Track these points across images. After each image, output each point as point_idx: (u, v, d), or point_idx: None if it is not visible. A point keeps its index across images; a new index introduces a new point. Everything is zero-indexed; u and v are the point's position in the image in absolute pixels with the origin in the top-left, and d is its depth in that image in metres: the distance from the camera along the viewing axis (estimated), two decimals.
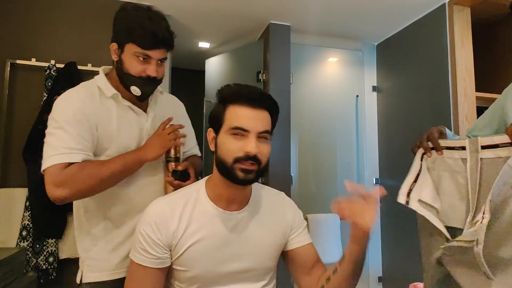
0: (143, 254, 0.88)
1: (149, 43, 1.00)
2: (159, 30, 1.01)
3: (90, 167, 0.97)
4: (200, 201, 0.92)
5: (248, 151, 0.83)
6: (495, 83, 2.29)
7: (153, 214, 0.90)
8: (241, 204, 0.95)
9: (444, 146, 0.96)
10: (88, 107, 1.01)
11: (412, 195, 0.95)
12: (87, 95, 1.03)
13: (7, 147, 1.95)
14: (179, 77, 3.32)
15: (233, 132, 0.85)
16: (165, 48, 1.05)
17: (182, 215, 0.90)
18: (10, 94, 1.98)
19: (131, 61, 1.02)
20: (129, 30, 1.01)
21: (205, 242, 0.89)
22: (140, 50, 1.01)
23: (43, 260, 1.85)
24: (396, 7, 2.28)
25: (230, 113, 0.87)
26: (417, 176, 0.98)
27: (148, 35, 1.00)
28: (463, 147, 0.91)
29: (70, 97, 1.02)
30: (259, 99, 0.88)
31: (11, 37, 2.01)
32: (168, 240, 0.88)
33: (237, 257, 0.92)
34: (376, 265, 2.73)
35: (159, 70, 1.06)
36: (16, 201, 1.89)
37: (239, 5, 2.28)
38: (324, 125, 2.73)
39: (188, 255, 0.89)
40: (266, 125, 0.88)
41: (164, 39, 1.03)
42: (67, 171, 0.94)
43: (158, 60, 1.04)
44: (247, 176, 0.85)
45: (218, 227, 0.91)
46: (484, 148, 0.87)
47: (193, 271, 0.89)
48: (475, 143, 0.88)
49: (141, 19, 1.00)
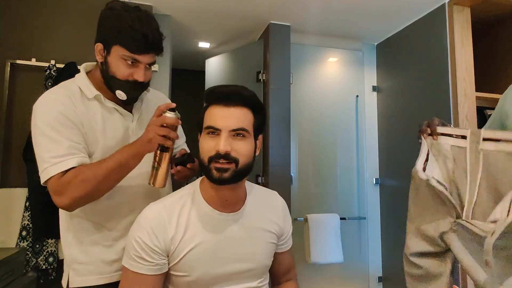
0: (139, 262, 0.85)
1: (139, 47, 0.94)
2: (150, 33, 0.94)
3: (84, 172, 0.90)
4: (196, 203, 0.91)
5: (217, 149, 0.82)
6: (495, 83, 2.29)
7: (150, 219, 0.87)
8: (237, 205, 0.93)
9: (441, 132, 1.00)
10: (69, 108, 0.95)
11: (427, 172, 0.96)
12: (67, 96, 0.96)
13: (7, 147, 1.95)
14: (179, 78, 3.31)
15: (207, 132, 0.86)
16: (155, 53, 0.99)
17: (179, 219, 0.88)
18: (10, 94, 1.98)
19: (117, 64, 0.96)
20: (117, 31, 0.94)
21: (204, 245, 0.88)
22: (128, 54, 0.95)
23: (43, 260, 1.85)
24: (396, 7, 2.28)
25: (207, 114, 0.88)
26: (427, 155, 1.00)
27: (138, 38, 0.93)
28: (464, 136, 0.95)
29: (49, 100, 0.95)
30: (231, 96, 0.86)
31: (11, 37, 2.02)
32: (166, 246, 0.86)
33: (236, 258, 0.92)
34: (376, 265, 2.73)
35: (146, 74, 1.00)
36: (16, 201, 1.89)
37: (239, 5, 2.28)
38: (324, 125, 2.73)
39: (187, 260, 0.87)
40: (240, 122, 0.85)
41: (154, 43, 0.96)
42: (63, 180, 0.89)
43: (146, 64, 0.98)
44: (222, 175, 0.83)
45: (216, 230, 0.90)
46: (485, 140, 0.90)
47: (193, 276, 0.88)
48: (477, 134, 0.92)
49: (130, 20, 0.93)
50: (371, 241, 2.75)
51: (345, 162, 2.75)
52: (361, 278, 2.68)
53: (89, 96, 1.00)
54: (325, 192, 2.69)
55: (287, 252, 1.08)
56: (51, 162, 0.90)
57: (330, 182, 2.70)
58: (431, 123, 1.03)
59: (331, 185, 2.71)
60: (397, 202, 2.58)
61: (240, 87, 0.88)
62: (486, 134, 0.91)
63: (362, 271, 2.69)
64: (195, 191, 0.93)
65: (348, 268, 2.63)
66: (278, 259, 1.06)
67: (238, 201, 0.94)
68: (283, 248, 1.06)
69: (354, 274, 2.66)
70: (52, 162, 0.90)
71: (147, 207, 0.91)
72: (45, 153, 0.91)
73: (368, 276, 2.71)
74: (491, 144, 0.90)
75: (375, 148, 2.85)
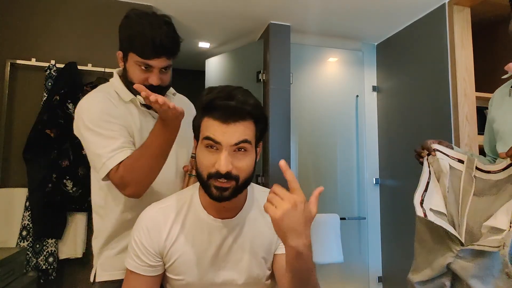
0: (136, 260, 0.86)
1: (148, 53, 0.97)
2: (158, 38, 0.97)
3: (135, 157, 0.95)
4: (193, 208, 0.89)
5: (217, 168, 0.77)
6: (495, 83, 2.27)
7: (147, 219, 0.88)
8: (234, 211, 0.90)
9: (438, 149, 1.03)
10: (110, 108, 1.01)
11: (424, 205, 0.95)
12: (107, 98, 1.02)
13: (7, 147, 1.95)
14: (179, 77, 3.30)
15: (206, 144, 0.79)
16: (166, 56, 1.01)
17: (174, 223, 0.87)
18: (10, 94, 1.98)
19: (133, 70, 1.01)
20: (130, 38, 0.99)
21: (196, 251, 0.87)
22: (140, 60, 0.98)
23: (43, 260, 1.85)
24: (396, 7, 2.28)
25: (205, 123, 0.81)
26: (427, 184, 1.00)
27: (147, 44, 0.96)
28: (461, 160, 1.01)
29: (93, 101, 1.02)
30: (236, 112, 0.78)
31: (11, 37, 2.02)
32: (160, 248, 0.86)
33: (228, 266, 0.90)
34: (376, 265, 2.73)
35: (163, 77, 1.03)
36: (16, 201, 1.89)
37: (239, 5, 2.28)
38: (324, 125, 2.73)
39: (179, 263, 0.87)
40: (242, 135, 0.78)
41: (163, 47, 0.98)
42: (119, 173, 0.94)
43: (161, 69, 1.01)
44: (222, 194, 0.79)
45: (210, 236, 0.88)
46: (478, 169, 0.97)
47: (186, 279, 0.88)
48: (472, 162, 0.99)
49: (141, 27, 0.97)
50: (371, 241, 2.75)
51: (345, 162, 2.75)
52: (361, 278, 2.68)
53: (126, 100, 1.05)
54: (325, 192, 2.66)
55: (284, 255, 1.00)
56: (107, 156, 0.95)
57: (330, 182, 2.70)
58: (424, 143, 1.05)
59: (331, 185, 2.71)
60: (397, 202, 2.58)
61: (242, 98, 0.79)
62: (478, 165, 0.97)
63: (362, 271, 2.69)
64: (194, 195, 0.91)
65: (348, 268, 2.63)
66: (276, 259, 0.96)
67: (236, 207, 0.91)
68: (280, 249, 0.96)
69: (354, 274, 2.66)
70: (108, 156, 0.95)
71: (147, 208, 0.91)
72: (101, 149, 0.96)
73: (368, 276, 2.71)
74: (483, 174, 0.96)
75: (375, 148, 2.85)
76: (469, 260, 0.87)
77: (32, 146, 1.87)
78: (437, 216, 0.94)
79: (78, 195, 1.87)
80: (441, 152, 1.02)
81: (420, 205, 0.95)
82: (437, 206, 0.96)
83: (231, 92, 0.79)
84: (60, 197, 1.83)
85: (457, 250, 0.88)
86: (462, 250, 0.87)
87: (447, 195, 0.97)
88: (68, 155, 1.87)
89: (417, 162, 1.08)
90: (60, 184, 1.83)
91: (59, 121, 1.87)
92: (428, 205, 0.95)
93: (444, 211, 0.96)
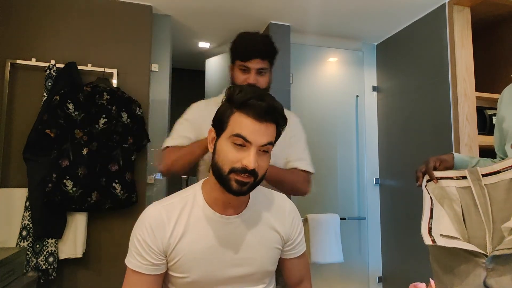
0: (138, 259, 0.86)
1: (244, 55, 1.23)
2: (253, 43, 1.24)
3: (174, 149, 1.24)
4: (197, 205, 0.90)
5: (246, 165, 0.81)
6: (495, 83, 2.29)
7: (150, 217, 0.87)
8: (239, 208, 0.92)
9: (440, 176, 0.99)
10: (199, 111, 1.31)
11: (433, 232, 0.93)
12: (208, 104, 1.30)
13: (7, 147, 1.95)
14: (179, 77, 3.31)
15: (234, 140, 0.82)
16: (260, 58, 1.23)
17: (178, 220, 0.88)
18: (10, 94, 1.98)
19: (237, 75, 1.27)
20: (234, 48, 1.28)
21: (202, 248, 0.87)
22: (240, 63, 1.25)
23: (43, 260, 1.85)
24: (396, 7, 2.28)
25: (235, 120, 0.83)
26: (431, 211, 0.98)
27: (244, 48, 1.24)
28: (464, 176, 0.95)
29: (195, 103, 1.37)
30: (268, 113, 0.83)
31: (11, 37, 2.02)
32: (164, 246, 0.86)
33: (236, 262, 0.91)
34: (376, 265, 2.73)
35: (260, 79, 1.24)
36: (16, 201, 1.89)
37: (239, 5, 2.28)
38: (324, 125, 2.73)
39: (184, 261, 0.87)
40: (269, 137, 0.84)
41: (256, 50, 1.23)
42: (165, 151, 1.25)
43: (257, 70, 1.23)
44: (242, 188, 0.83)
45: (215, 233, 0.89)
46: (485, 175, 0.91)
47: (191, 277, 0.88)
48: (475, 172, 0.93)
49: (242, 38, 1.28)
50: (371, 241, 2.75)
51: (345, 162, 2.75)
52: (361, 278, 2.68)
53: None
54: (325, 192, 2.69)
55: (297, 260, 1.03)
56: (173, 136, 1.28)
57: (330, 182, 2.70)
58: (426, 167, 1.01)
59: (331, 185, 2.71)
60: (397, 202, 2.58)
61: (271, 102, 0.85)
62: (483, 171, 0.92)
63: (362, 271, 2.69)
64: (197, 193, 0.92)
65: (348, 268, 2.63)
66: (287, 266, 1.03)
67: (241, 204, 0.93)
68: (291, 254, 1.02)
69: (354, 274, 2.66)
70: (174, 137, 1.28)
71: (150, 205, 0.91)
72: (173, 132, 1.31)
73: (368, 276, 2.71)
74: (492, 178, 0.90)
75: (375, 148, 2.85)
76: (501, 271, 0.85)
77: (32, 146, 1.87)
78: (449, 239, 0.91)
79: (78, 195, 1.86)
80: (444, 178, 0.98)
81: (428, 233, 0.92)
82: (446, 231, 0.93)
83: (262, 94, 0.86)
84: (60, 197, 1.83)
85: (484, 262, 0.87)
86: (487, 260, 0.86)
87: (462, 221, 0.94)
88: (68, 155, 1.87)
89: (417, 162, 1.07)
90: (60, 184, 1.83)
91: (59, 121, 1.87)
92: (437, 231, 0.92)
93: (455, 235, 0.93)
